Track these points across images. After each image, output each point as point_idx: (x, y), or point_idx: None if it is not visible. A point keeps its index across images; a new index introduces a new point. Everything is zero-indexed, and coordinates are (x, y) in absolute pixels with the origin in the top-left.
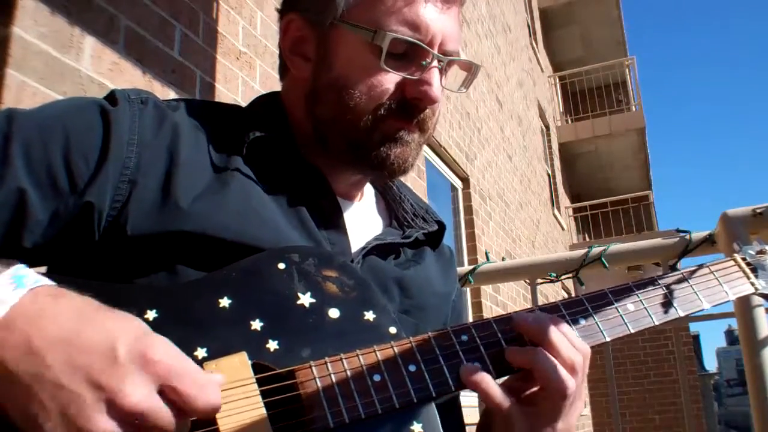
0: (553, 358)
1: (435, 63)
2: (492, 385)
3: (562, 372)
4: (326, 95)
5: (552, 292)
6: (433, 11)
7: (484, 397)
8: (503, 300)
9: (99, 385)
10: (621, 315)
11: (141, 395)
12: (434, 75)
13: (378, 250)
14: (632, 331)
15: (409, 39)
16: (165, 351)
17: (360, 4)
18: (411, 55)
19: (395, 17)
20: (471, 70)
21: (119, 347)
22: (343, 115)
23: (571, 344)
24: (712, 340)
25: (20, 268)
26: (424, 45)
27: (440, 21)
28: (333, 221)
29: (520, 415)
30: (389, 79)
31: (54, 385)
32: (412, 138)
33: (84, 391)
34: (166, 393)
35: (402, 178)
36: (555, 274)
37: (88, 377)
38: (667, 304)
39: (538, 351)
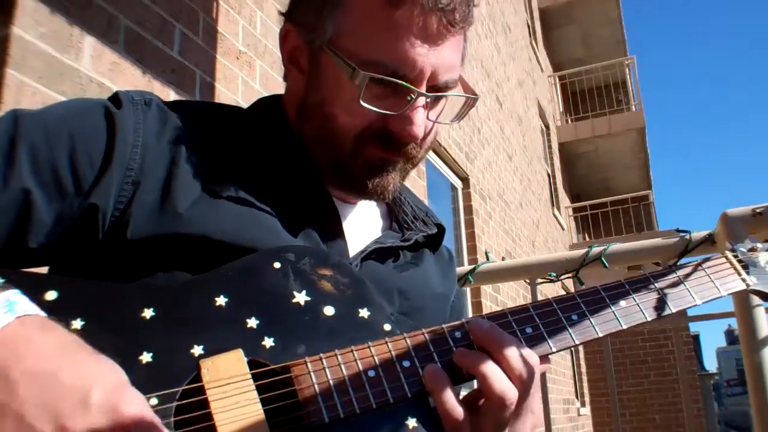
0: (496, 366)
1: (421, 100)
2: (448, 392)
3: (504, 381)
4: (313, 115)
5: (552, 292)
6: (422, 48)
7: (438, 404)
8: (503, 300)
9: (63, 427)
10: (613, 311)
11: None
12: (417, 113)
13: (377, 253)
14: (624, 326)
15: (388, 78)
16: (138, 409)
17: (348, 32)
18: (395, 89)
19: (381, 51)
20: (467, 100)
21: (93, 393)
22: (328, 137)
23: (519, 354)
24: (712, 340)
25: (14, 294)
26: (405, 84)
27: (431, 55)
28: (331, 225)
29: (467, 424)
30: (370, 114)
31: (19, 417)
32: (395, 167)
33: (46, 429)
34: None
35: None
36: (555, 274)
37: (54, 417)
38: (659, 300)
39: (481, 356)
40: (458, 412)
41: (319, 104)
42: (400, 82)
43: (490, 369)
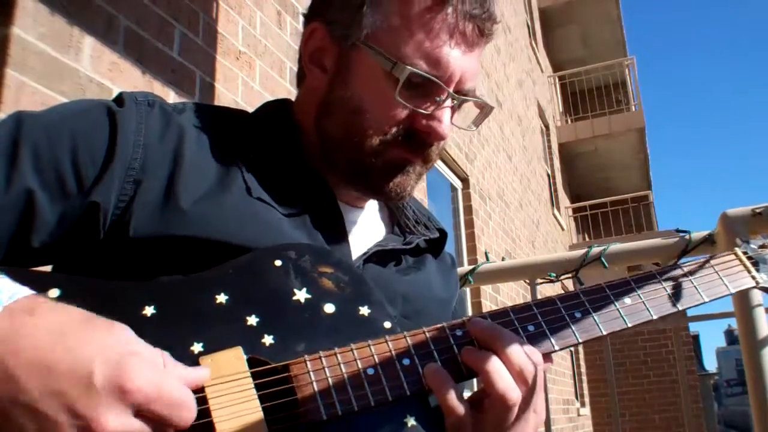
0: (501, 365)
1: (449, 101)
2: (451, 390)
3: (507, 380)
4: (337, 111)
5: (552, 292)
6: (456, 51)
7: (440, 401)
8: (503, 300)
9: (75, 413)
10: (618, 309)
11: (116, 423)
12: (446, 113)
13: (379, 256)
14: (629, 325)
15: (427, 75)
16: (141, 376)
17: (385, 30)
18: (427, 89)
19: (418, 51)
20: (484, 109)
21: (95, 374)
22: (351, 135)
23: (521, 352)
24: (711, 340)
25: None
26: (440, 83)
27: (461, 60)
28: (334, 228)
29: (469, 421)
30: (401, 111)
31: (32, 410)
32: (414, 169)
33: (61, 417)
34: (144, 414)
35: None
36: (555, 274)
37: (64, 404)
38: (665, 298)
39: (487, 355)
40: (460, 409)
41: (347, 100)
42: (436, 80)
43: (494, 368)
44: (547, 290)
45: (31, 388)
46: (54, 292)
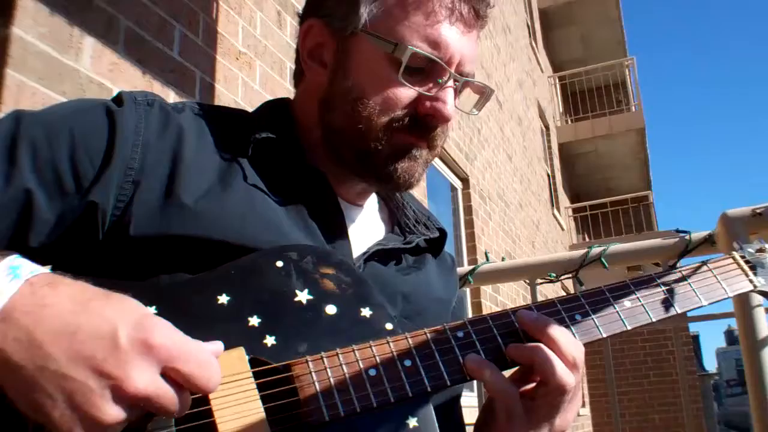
0: (553, 355)
1: (451, 82)
2: (497, 373)
3: (563, 368)
4: (340, 103)
5: (552, 293)
6: (454, 32)
7: (489, 386)
8: (503, 300)
9: (103, 373)
10: (618, 311)
11: (145, 380)
12: (449, 94)
13: (379, 255)
14: (629, 327)
15: (429, 55)
16: (165, 334)
17: (383, 16)
18: (428, 71)
19: (417, 33)
20: (484, 93)
21: (120, 334)
22: (355, 124)
23: (572, 340)
24: (711, 340)
25: (15, 258)
26: (442, 63)
27: (460, 42)
28: (335, 226)
29: (521, 408)
30: (404, 93)
31: (59, 376)
32: (421, 154)
33: (89, 379)
34: (169, 374)
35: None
36: (554, 275)
37: (91, 366)
38: (664, 301)
39: (539, 347)
40: (511, 391)
41: (349, 90)
42: (437, 59)
43: (551, 358)
44: (548, 290)
45: (57, 355)
46: None
